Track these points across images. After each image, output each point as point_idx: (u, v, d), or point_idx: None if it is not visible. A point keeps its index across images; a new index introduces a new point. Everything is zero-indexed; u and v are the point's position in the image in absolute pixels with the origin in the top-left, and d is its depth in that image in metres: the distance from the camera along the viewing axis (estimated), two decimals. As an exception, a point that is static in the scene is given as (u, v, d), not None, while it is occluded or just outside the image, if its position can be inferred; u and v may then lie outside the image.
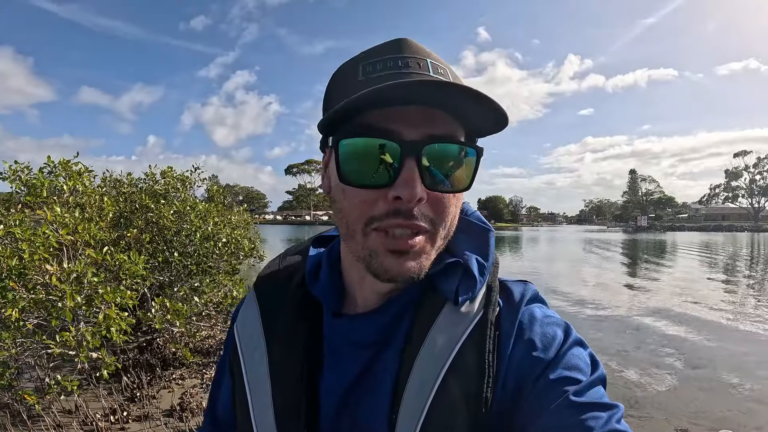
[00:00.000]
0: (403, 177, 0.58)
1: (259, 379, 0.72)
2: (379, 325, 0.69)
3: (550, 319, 0.68)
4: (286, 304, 0.77)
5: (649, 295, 12.91)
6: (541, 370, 0.62)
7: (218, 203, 6.82)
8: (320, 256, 0.81)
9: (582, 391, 0.59)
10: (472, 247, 0.72)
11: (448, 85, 0.56)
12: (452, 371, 0.62)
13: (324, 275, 0.76)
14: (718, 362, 6.97)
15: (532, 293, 0.72)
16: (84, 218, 4.36)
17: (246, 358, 0.75)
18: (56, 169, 4.63)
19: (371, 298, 0.71)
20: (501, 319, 0.67)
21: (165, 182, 5.90)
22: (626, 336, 8.48)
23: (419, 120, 0.60)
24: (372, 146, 0.60)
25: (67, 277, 3.64)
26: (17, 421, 4.00)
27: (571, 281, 15.86)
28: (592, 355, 0.65)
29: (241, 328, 0.79)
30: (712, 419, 5.04)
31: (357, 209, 0.62)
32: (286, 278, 0.80)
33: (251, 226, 7.81)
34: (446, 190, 0.62)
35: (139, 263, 4.17)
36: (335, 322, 0.73)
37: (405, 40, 0.65)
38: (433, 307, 0.67)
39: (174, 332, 4.97)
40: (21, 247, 3.65)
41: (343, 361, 0.70)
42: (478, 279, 0.68)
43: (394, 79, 0.58)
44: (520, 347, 0.65)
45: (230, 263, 6.17)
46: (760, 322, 9.66)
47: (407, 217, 0.60)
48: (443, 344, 0.64)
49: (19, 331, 3.69)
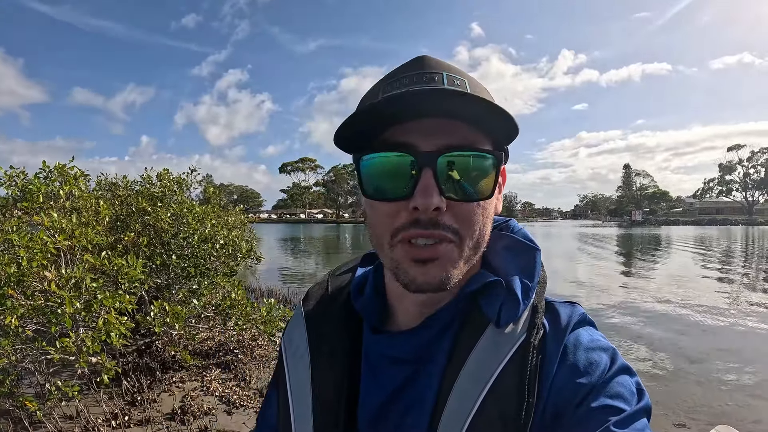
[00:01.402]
0: (419, 187, 0.59)
1: (302, 391, 0.73)
2: (419, 342, 0.69)
3: (597, 344, 0.66)
4: (331, 319, 0.78)
5: (645, 290, 13.00)
6: (582, 396, 0.60)
7: (215, 205, 6.81)
8: (367, 273, 0.82)
9: (625, 421, 0.57)
10: (518, 266, 0.71)
11: (441, 92, 0.58)
12: (492, 394, 0.61)
13: (368, 291, 0.77)
14: (716, 356, 7.01)
15: (579, 316, 0.69)
16: (81, 223, 4.35)
17: (290, 371, 0.76)
18: (52, 173, 4.62)
19: (412, 315, 0.71)
20: (546, 342, 0.66)
21: (161, 185, 5.89)
22: (623, 330, 8.52)
23: (436, 131, 0.61)
24: (390, 160, 0.62)
25: (65, 283, 3.63)
26: (19, 427, 3.99)
27: (566, 276, 15.90)
28: (639, 384, 0.63)
29: (288, 342, 0.81)
30: (710, 414, 5.06)
31: (383, 222, 0.64)
32: (334, 294, 0.82)
33: (247, 226, 7.80)
34: (466, 199, 0.62)
35: (137, 267, 4.16)
36: (375, 338, 0.73)
37: (424, 58, 0.66)
38: (475, 327, 0.67)
39: (173, 335, 4.96)
40: (19, 254, 3.64)
41: (381, 376, 0.70)
42: (521, 300, 0.67)
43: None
44: (563, 372, 0.63)
45: (228, 265, 6.18)
46: (757, 316, 9.74)
47: (426, 227, 0.60)
48: (484, 366, 0.63)
49: (18, 337, 3.68)
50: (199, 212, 5.69)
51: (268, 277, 15.11)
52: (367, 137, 0.63)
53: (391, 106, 0.59)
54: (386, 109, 0.59)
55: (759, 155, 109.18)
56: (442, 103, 0.58)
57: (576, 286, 13.81)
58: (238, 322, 5.23)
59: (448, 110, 0.60)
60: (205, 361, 5.77)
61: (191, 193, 6.38)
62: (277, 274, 17.21)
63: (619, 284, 14.31)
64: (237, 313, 5.21)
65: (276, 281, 14.52)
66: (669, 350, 7.36)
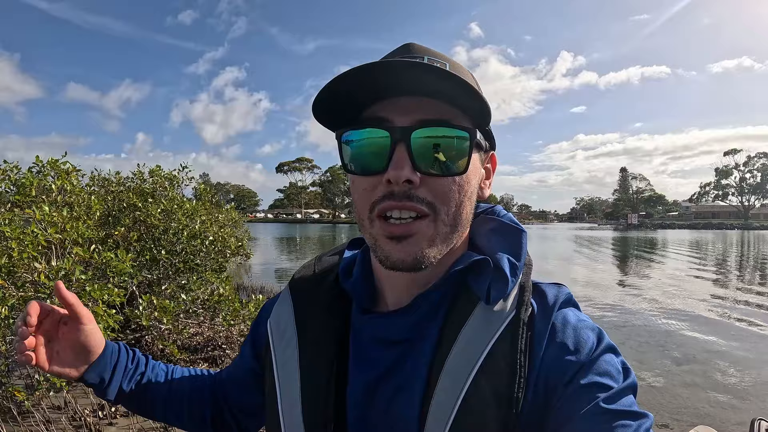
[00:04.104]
0: (393, 161, 0.61)
1: (290, 374, 0.73)
2: (409, 322, 0.69)
3: (584, 324, 0.67)
4: (319, 301, 0.78)
5: (637, 292, 13.06)
6: (572, 374, 0.62)
7: (206, 202, 6.87)
8: (355, 256, 0.82)
9: (613, 398, 0.59)
10: (505, 247, 0.72)
11: (413, 65, 0.59)
12: (483, 371, 0.62)
13: (357, 272, 0.77)
14: (703, 358, 7.04)
15: (565, 296, 0.71)
16: (72, 217, 4.42)
17: (277, 354, 0.77)
18: (45, 168, 4.69)
19: (401, 295, 0.72)
20: (534, 320, 0.67)
21: (153, 181, 5.95)
22: (613, 332, 8.54)
23: (412, 108, 0.63)
24: (366, 135, 0.64)
25: (55, 274, 3.70)
26: (8, 417, 4.04)
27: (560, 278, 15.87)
28: (624, 363, 0.65)
29: (275, 324, 0.80)
30: (695, 415, 5.06)
31: (361, 197, 0.66)
32: (321, 277, 0.82)
33: (240, 224, 7.84)
34: (440, 173, 0.63)
35: (126, 261, 4.23)
36: (364, 318, 0.74)
37: (410, 44, 0.70)
38: (465, 305, 0.67)
39: (162, 329, 5.02)
40: (10, 246, 3.71)
41: (370, 357, 0.70)
42: (510, 278, 0.67)
43: None
44: (552, 350, 0.64)
45: (217, 261, 6.24)
46: (746, 318, 9.80)
47: (400, 199, 0.62)
48: (475, 343, 0.64)
49: (9, 328, 3.74)
50: (189, 209, 5.76)
51: (262, 275, 15.25)
52: (347, 115, 0.66)
53: (366, 73, 0.60)
54: (364, 77, 0.60)
55: (755, 160, 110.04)
56: (420, 80, 0.60)
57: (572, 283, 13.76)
58: (227, 317, 5.30)
59: (425, 87, 0.61)
60: (193, 355, 5.82)
61: (182, 189, 6.45)
62: (271, 272, 17.24)
63: (613, 283, 14.41)
64: (225, 308, 5.27)
65: (270, 279, 14.56)
66: (656, 351, 7.41)
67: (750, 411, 5.14)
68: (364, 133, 0.65)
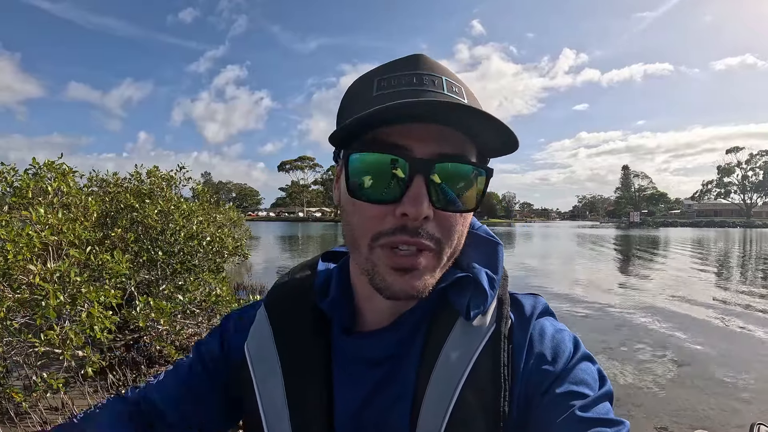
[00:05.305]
0: (410, 194, 0.58)
1: (275, 404, 0.70)
2: (392, 341, 0.69)
3: (561, 333, 0.68)
4: (299, 324, 0.75)
5: (638, 292, 12.98)
6: (549, 383, 0.63)
7: (204, 202, 6.87)
8: (330, 272, 0.80)
9: (588, 406, 0.59)
10: (481, 260, 0.72)
11: (460, 107, 0.56)
12: (468, 385, 0.62)
13: (334, 291, 0.75)
14: (702, 360, 6.96)
15: (542, 306, 0.72)
16: (69, 218, 4.42)
17: (259, 382, 0.73)
18: (41, 170, 4.69)
19: (382, 314, 0.71)
20: (513, 332, 0.68)
21: (150, 182, 5.96)
22: (611, 333, 8.49)
23: (431, 138, 0.59)
24: (382, 161, 0.59)
25: (50, 276, 3.70)
26: (5, 418, 4.05)
27: (560, 278, 15.95)
28: (600, 371, 0.65)
29: (254, 349, 0.76)
30: (694, 418, 5.00)
31: (365, 224, 0.62)
32: (297, 295, 0.79)
33: (240, 224, 7.84)
34: (454, 210, 0.62)
35: (122, 262, 4.23)
36: (347, 339, 0.72)
37: (421, 56, 0.66)
38: (446, 322, 0.67)
39: (159, 330, 5.03)
40: (6, 248, 3.71)
41: (355, 378, 0.69)
42: (489, 293, 0.68)
43: (408, 96, 0.59)
44: (530, 361, 0.65)
45: (214, 261, 6.25)
46: (749, 319, 9.71)
47: (413, 234, 0.59)
48: (458, 359, 0.64)
49: (6, 330, 3.75)
50: (186, 209, 5.77)
51: (264, 275, 15.18)
52: (357, 132, 0.62)
53: (394, 111, 0.57)
54: (385, 111, 0.57)
55: (758, 158, 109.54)
56: (440, 112, 0.58)
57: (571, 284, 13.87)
58: (224, 318, 5.28)
59: (444, 118, 0.59)
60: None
61: (180, 190, 6.46)
62: (273, 272, 17.19)
63: (613, 283, 14.33)
64: (222, 309, 5.28)
65: (271, 279, 14.50)
66: (656, 352, 7.35)
67: (750, 415, 5.08)
68: (379, 158, 0.60)
